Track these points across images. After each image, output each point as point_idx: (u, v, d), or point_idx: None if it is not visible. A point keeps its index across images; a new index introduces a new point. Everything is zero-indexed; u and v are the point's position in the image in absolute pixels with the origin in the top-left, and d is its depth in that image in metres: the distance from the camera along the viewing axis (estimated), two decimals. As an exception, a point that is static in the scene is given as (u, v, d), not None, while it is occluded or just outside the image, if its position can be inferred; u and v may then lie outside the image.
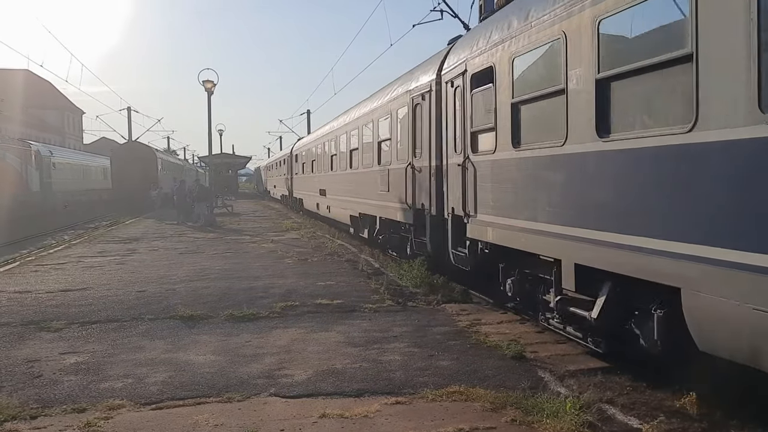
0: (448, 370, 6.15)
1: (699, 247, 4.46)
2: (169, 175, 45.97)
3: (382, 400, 5.30)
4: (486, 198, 8.46)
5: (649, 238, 5.02)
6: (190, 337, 7.58)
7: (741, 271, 4.08)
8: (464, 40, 10.13)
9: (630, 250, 5.25)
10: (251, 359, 6.61)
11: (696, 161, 4.53)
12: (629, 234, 5.28)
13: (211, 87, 25.53)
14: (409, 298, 9.75)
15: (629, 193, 5.36)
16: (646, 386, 5.62)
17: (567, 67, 6.24)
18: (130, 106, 50.85)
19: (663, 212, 4.91)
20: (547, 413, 4.79)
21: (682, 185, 4.69)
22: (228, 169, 68.58)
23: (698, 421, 4.81)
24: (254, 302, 9.42)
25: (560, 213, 6.46)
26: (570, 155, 6.30)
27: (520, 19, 7.43)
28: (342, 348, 7.00)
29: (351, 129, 17.89)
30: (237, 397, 5.45)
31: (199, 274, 12.51)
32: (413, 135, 11.81)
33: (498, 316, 8.61)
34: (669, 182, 4.84)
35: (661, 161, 4.93)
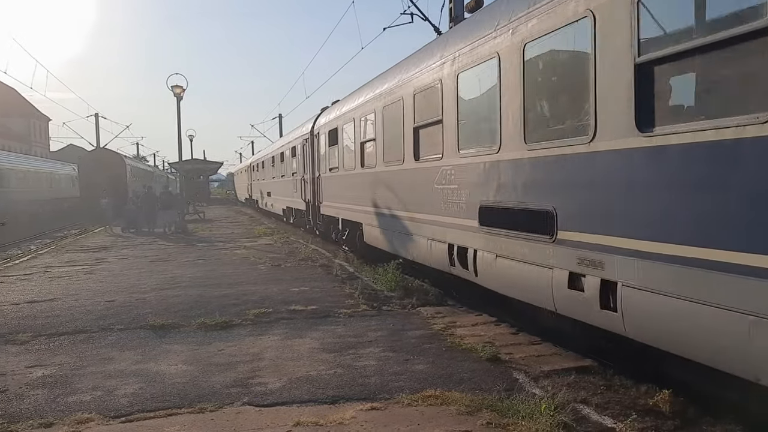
0: (424, 374, 6.12)
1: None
2: (138, 182, 45.34)
3: (357, 407, 5.25)
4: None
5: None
6: (161, 347, 7.44)
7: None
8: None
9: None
10: (224, 368, 6.51)
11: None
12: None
13: (180, 92, 25.21)
14: (384, 302, 9.71)
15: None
16: (619, 385, 5.66)
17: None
18: (97, 113, 50.18)
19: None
20: (522, 415, 4.79)
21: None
22: (199, 174, 67.83)
23: (671, 419, 4.86)
24: (227, 310, 9.29)
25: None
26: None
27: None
28: (316, 354, 6.93)
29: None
30: (209, 408, 5.35)
31: (170, 283, 12.31)
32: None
33: (473, 318, 8.62)
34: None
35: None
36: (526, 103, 6.68)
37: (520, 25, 6.70)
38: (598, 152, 5.43)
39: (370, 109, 12.94)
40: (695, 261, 4.34)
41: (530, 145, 6.58)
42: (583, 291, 5.63)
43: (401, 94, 10.70)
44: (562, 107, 6.23)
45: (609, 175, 5.33)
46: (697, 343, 4.41)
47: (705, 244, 4.27)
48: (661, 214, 4.68)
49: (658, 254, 4.69)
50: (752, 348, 3.86)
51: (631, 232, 5.01)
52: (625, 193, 5.10)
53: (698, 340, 4.38)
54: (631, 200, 5.02)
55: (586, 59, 5.57)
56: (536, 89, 6.55)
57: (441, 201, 9.04)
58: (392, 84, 11.44)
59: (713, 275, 4.17)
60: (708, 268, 4.22)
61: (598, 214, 5.48)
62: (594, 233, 5.50)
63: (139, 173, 52.50)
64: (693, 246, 4.36)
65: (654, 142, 4.73)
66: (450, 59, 8.66)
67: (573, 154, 5.82)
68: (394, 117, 11.06)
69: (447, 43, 9.12)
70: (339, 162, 16.00)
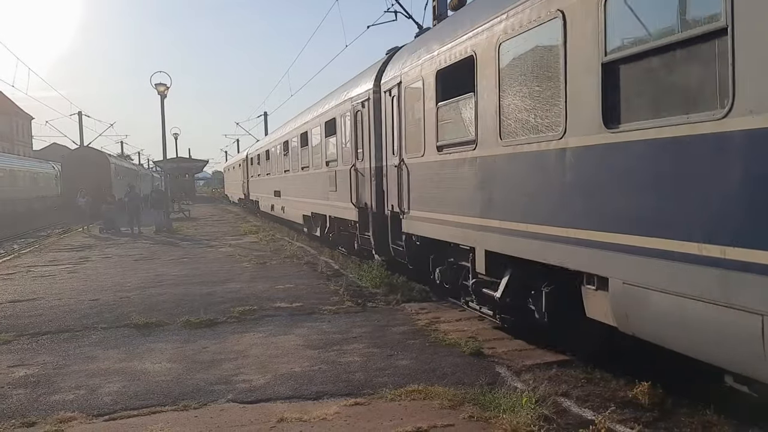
0: (408, 369, 6.16)
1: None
2: (123, 181, 44.97)
3: (341, 402, 5.28)
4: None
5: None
6: (145, 346, 7.43)
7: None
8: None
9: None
10: (208, 366, 6.51)
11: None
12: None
13: (164, 90, 25.05)
14: (369, 299, 9.75)
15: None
16: (599, 378, 5.73)
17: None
18: (81, 111, 49.69)
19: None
20: (503, 408, 4.84)
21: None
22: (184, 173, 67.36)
23: (650, 410, 4.93)
24: (211, 308, 9.29)
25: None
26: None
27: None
28: (301, 351, 6.95)
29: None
30: (193, 405, 5.36)
31: (154, 281, 12.26)
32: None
33: (456, 313, 8.68)
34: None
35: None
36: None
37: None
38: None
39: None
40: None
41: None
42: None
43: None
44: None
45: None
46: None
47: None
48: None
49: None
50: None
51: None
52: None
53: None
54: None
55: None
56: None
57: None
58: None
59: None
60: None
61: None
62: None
63: (123, 172, 52.10)
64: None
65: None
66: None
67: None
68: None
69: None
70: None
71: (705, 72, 4.19)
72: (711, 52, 4.04)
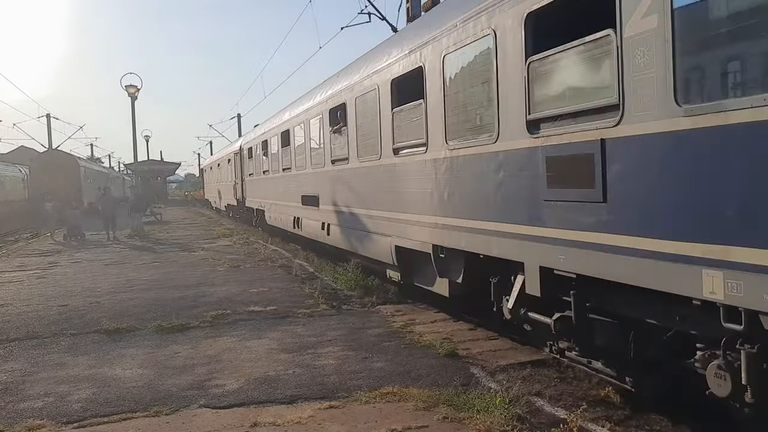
0: (382, 371, 6.16)
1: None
2: (93, 185, 44.23)
3: (315, 406, 5.26)
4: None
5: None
6: (116, 351, 7.31)
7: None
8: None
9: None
10: (180, 371, 6.44)
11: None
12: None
13: (134, 92, 24.78)
14: (344, 302, 9.72)
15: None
16: (572, 377, 5.80)
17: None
18: (49, 113, 48.79)
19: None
20: (477, 409, 4.87)
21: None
22: (156, 176, 66.70)
23: (621, 409, 5.01)
24: (184, 312, 9.18)
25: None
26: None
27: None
28: (275, 355, 6.91)
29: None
30: (165, 411, 5.30)
31: (125, 286, 12.09)
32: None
33: (432, 315, 8.70)
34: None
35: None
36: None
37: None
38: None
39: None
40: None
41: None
42: None
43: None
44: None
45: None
46: None
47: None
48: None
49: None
50: None
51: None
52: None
53: None
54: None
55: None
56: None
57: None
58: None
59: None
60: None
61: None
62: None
63: (93, 175, 51.20)
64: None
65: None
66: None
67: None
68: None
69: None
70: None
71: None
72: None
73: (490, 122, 6.19)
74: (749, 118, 3.45)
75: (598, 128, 4.64)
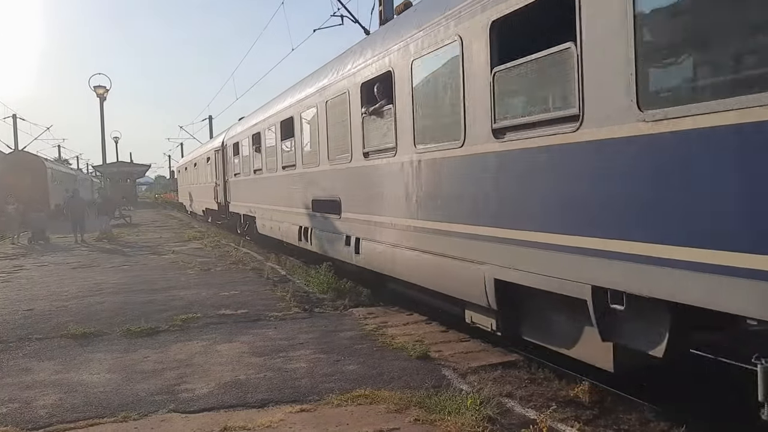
0: (355, 374, 6.15)
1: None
2: (61, 187, 43.37)
3: (286, 409, 5.23)
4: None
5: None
6: (83, 356, 7.18)
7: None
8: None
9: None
10: (149, 375, 6.34)
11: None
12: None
13: (103, 93, 24.39)
14: (316, 304, 9.69)
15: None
16: (543, 378, 5.85)
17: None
18: (15, 114, 47.77)
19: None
20: (448, 410, 4.89)
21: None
22: (126, 178, 65.78)
23: (590, 408, 5.07)
24: (153, 316, 9.05)
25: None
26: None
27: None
28: (246, 358, 6.85)
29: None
30: (133, 416, 5.21)
31: (93, 290, 11.88)
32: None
33: (404, 317, 8.72)
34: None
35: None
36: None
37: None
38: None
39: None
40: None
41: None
42: None
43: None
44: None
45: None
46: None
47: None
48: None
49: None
50: None
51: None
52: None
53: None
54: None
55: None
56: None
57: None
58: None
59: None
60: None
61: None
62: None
63: (61, 177, 50.20)
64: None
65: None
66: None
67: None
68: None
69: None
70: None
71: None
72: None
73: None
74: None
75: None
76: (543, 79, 5.21)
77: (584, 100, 4.59)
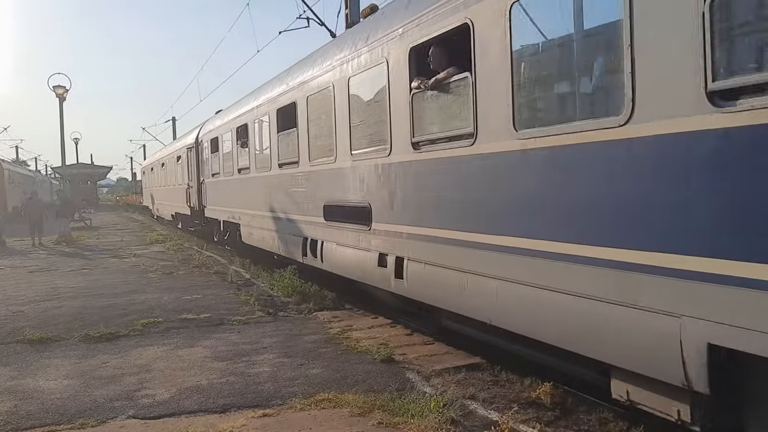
0: (318, 378, 6.12)
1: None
2: (18, 189, 42.30)
3: (248, 414, 5.17)
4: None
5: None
6: (39, 362, 7.00)
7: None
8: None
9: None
10: (108, 381, 6.22)
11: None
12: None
13: (62, 93, 23.87)
14: (281, 308, 9.62)
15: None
16: (505, 380, 5.91)
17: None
18: (-30, 113, 46.42)
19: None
20: (412, 413, 4.90)
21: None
22: (86, 180, 64.57)
23: (551, 410, 5.13)
24: (113, 321, 8.87)
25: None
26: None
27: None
28: (208, 363, 6.76)
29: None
30: (91, 423, 5.10)
31: (51, 294, 11.59)
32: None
33: (369, 321, 8.71)
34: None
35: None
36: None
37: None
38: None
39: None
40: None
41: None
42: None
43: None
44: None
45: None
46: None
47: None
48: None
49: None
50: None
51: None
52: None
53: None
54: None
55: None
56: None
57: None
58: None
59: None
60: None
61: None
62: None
63: (18, 179, 48.95)
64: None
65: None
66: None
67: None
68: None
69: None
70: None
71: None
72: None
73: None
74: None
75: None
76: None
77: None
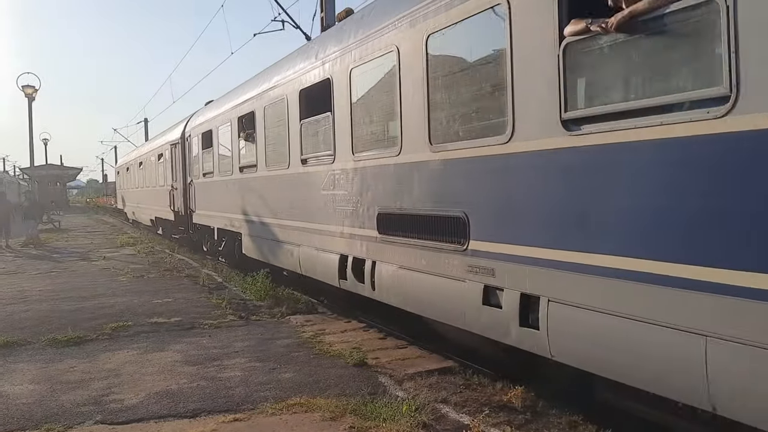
0: (290, 382, 6.08)
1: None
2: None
3: (219, 419, 5.12)
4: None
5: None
6: (5, 366, 6.85)
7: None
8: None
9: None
10: (76, 386, 6.11)
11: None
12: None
13: (32, 93, 23.43)
14: (253, 312, 9.54)
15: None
16: (478, 383, 5.93)
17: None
18: (-66, 112, 45.32)
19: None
20: (384, 417, 4.90)
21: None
22: (56, 181, 63.45)
23: (522, 413, 5.16)
24: (81, 324, 8.72)
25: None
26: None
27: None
28: (178, 367, 6.68)
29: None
30: (58, 428, 5.01)
31: (17, 297, 11.36)
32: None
33: (342, 324, 8.69)
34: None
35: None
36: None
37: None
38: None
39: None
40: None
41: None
42: None
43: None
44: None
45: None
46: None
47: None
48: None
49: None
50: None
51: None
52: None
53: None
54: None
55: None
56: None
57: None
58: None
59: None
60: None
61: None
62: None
63: (-16, 179, 47.93)
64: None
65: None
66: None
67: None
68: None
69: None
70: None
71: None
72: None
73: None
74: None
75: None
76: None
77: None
